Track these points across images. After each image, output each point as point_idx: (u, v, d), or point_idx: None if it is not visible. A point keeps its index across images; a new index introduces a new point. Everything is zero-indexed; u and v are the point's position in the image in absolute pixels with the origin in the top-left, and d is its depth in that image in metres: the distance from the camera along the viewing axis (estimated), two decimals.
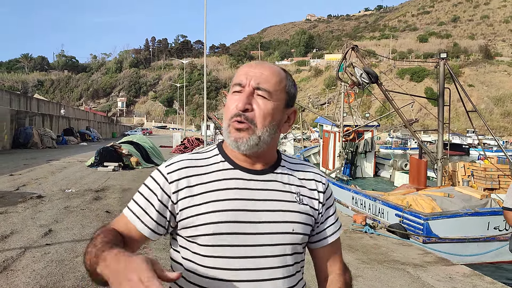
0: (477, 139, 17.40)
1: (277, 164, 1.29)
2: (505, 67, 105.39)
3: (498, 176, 11.60)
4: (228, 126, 1.18)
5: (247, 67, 1.23)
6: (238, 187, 1.20)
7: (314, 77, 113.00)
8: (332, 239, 1.35)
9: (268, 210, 1.20)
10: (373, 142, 17.60)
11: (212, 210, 1.15)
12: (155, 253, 5.61)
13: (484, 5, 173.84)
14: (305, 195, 1.28)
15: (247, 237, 1.16)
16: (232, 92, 1.21)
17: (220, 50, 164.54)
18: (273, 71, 1.21)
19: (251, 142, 1.17)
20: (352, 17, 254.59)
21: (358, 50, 12.23)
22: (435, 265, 6.18)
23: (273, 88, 1.19)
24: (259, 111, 1.17)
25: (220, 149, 1.28)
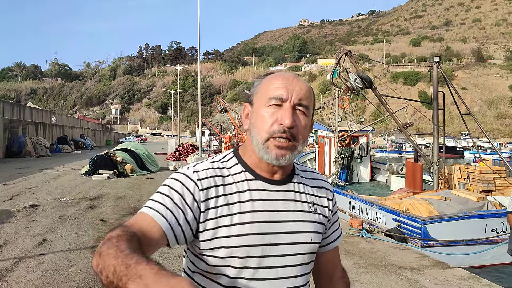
0: (472, 141, 17.45)
1: (293, 173, 1.30)
2: (498, 70, 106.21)
3: (494, 178, 11.63)
4: (267, 140, 1.17)
5: (283, 80, 1.20)
6: (262, 198, 1.20)
7: (308, 81, 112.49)
8: (336, 243, 1.41)
9: (289, 220, 1.21)
10: (369, 146, 17.62)
11: (240, 222, 1.15)
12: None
13: (475, 9, 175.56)
14: (318, 203, 1.31)
15: (272, 248, 1.17)
16: (269, 105, 1.18)
17: (214, 56, 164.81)
18: (308, 87, 1.23)
19: (293, 157, 1.19)
20: (345, 21, 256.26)
21: (351, 56, 12.25)
22: (433, 269, 6.16)
23: (310, 104, 1.21)
24: (301, 128, 1.18)
25: (239, 158, 1.27)
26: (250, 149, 1.24)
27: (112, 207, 9.45)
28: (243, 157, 1.26)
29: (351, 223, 8.34)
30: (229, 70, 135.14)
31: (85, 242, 6.43)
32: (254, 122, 1.21)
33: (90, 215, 8.54)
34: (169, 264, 5.49)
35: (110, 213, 8.80)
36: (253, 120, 1.22)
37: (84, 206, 9.47)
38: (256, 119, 1.20)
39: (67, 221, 7.87)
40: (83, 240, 6.51)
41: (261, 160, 1.21)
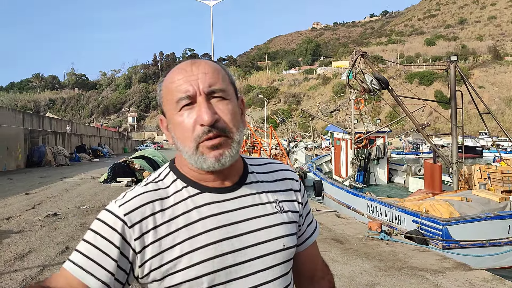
0: (492, 140, 17.17)
1: (245, 173, 1.11)
2: None
3: None
4: (197, 148, 0.98)
5: (181, 72, 1.02)
6: (213, 213, 1.01)
7: (322, 85, 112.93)
8: (313, 238, 1.24)
9: (252, 230, 1.03)
10: (385, 148, 17.47)
11: (192, 249, 0.97)
12: None
13: (490, 6, 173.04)
14: (284, 199, 1.13)
15: (239, 268, 1.00)
16: (180, 109, 0.99)
17: (227, 61, 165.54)
18: (214, 67, 1.03)
19: (233, 152, 1.00)
20: (358, 23, 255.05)
21: (367, 57, 12.20)
22: (454, 271, 6.07)
23: (224, 85, 1.02)
24: (227, 116, 1.00)
25: (176, 172, 1.07)
26: (186, 165, 1.05)
27: None
28: (181, 170, 1.07)
29: (370, 226, 8.27)
30: (243, 75, 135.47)
31: None
32: (175, 134, 1.02)
33: None
34: None
35: None
36: (173, 132, 1.03)
37: None
38: (175, 130, 1.02)
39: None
40: None
41: (202, 172, 1.03)
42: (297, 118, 72.53)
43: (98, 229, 0.99)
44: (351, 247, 7.24)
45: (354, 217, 11.12)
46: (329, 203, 15.21)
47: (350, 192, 13.30)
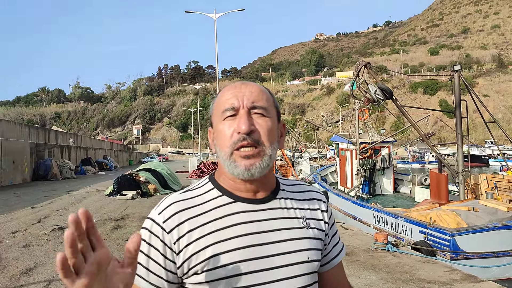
0: (498, 149, 17.05)
1: (277, 189, 1.20)
2: None
3: None
4: (231, 155, 1.08)
5: (231, 89, 1.15)
6: (244, 221, 1.09)
7: (327, 95, 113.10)
8: (339, 259, 1.29)
9: (279, 241, 1.10)
10: (391, 158, 17.40)
11: (223, 251, 1.05)
12: None
13: (494, 15, 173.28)
14: (311, 217, 1.20)
15: (264, 274, 1.06)
16: (224, 118, 1.12)
17: (232, 73, 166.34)
18: (260, 89, 1.17)
19: (264, 164, 1.09)
20: (361, 34, 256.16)
21: (370, 67, 12.22)
22: (463, 282, 5.99)
23: (266, 104, 1.13)
24: (264, 130, 1.09)
25: (214, 182, 1.17)
26: (223, 171, 1.15)
27: (137, 227, 9.51)
28: (218, 180, 1.17)
29: (376, 237, 8.20)
30: None
31: None
32: (217, 141, 1.14)
33: (116, 235, 8.63)
34: None
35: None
36: (215, 140, 1.15)
37: (110, 227, 9.58)
38: (217, 137, 1.13)
39: None
40: None
41: (236, 180, 1.12)
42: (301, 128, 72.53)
43: (144, 236, 1.09)
44: (357, 258, 7.18)
45: (360, 228, 11.05)
46: (335, 214, 15.12)
47: (355, 202, 13.23)
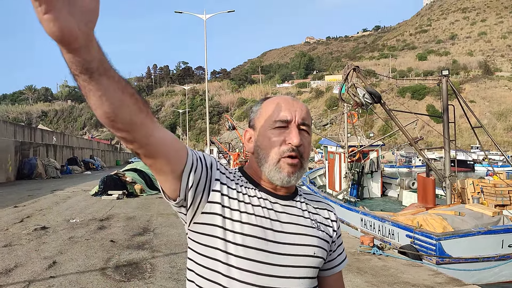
0: (484, 154, 17.24)
1: (295, 193, 1.33)
2: (506, 82, 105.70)
3: (508, 191, 11.43)
4: (278, 161, 1.20)
5: (284, 102, 1.26)
6: (266, 207, 1.21)
7: (315, 98, 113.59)
8: (341, 267, 1.40)
9: (291, 232, 1.21)
10: (379, 161, 17.46)
11: (246, 222, 1.15)
12: (161, 282, 5.46)
13: (481, 22, 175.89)
14: (321, 222, 1.32)
15: (274, 256, 1.16)
16: (275, 127, 1.22)
17: (221, 75, 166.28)
18: (307, 109, 1.29)
19: (300, 175, 1.23)
20: (351, 38, 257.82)
21: (359, 71, 12.24)
22: (447, 286, 6.00)
23: (310, 123, 1.27)
24: (307, 146, 1.24)
25: (244, 173, 1.30)
26: (255, 170, 1.27)
27: (122, 228, 9.39)
28: (249, 173, 1.30)
29: (362, 240, 8.19)
30: (236, 88, 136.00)
31: (95, 264, 6.36)
32: (261, 144, 1.24)
33: (100, 236, 8.49)
34: (179, 285, 5.40)
35: (120, 233, 8.74)
36: (258, 142, 1.25)
37: (94, 227, 9.42)
38: (262, 141, 1.24)
39: (77, 243, 7.82)
40: (93, 262, 6.44)
41: (266, 181, 1.24)
42: None
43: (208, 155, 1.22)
44: None
45: (347, 231, 11.04)
46: None
47: (343, 206, 13.23)
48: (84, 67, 0.80)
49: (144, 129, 0.97)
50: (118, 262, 6.45)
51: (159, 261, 6.53)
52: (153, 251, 7.22)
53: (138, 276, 5.78)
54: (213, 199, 1.16)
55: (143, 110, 0.95)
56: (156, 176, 1.13)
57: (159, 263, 6.44)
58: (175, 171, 1.09)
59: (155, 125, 1.01)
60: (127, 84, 0.92)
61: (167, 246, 7.58)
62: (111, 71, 0.87)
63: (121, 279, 5.64)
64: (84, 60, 0.80)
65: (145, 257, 6.77)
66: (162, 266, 6.27)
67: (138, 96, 0.94)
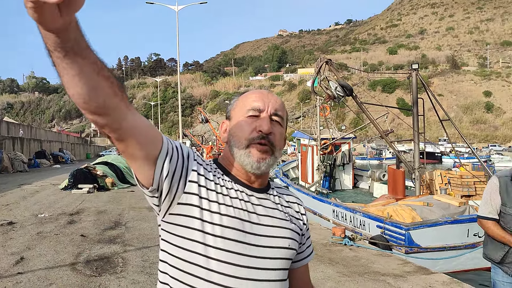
0: (451, 146, 17.73)
1: (268, 187, 1.35)
2: (472, 77, 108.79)
3: (474, 182, 11.81)
4: (248, 146, 1.22)
5: (259, 93, 1.30)
6: (244, 199, 1.23)
7: (288, 91, 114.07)
8: (309, 259, 1.46)
9: (267, 225, 1.24)
10: (351, 154, 17.72)
11: (225, 214, 1.16)
12: (133, 276, 5.41)
13: (449, 18, 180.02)
14: (293, 215, 1.36)
15: (252, 248, 1.18)
16: (247, 116, 1.25)
17: (194, 67, 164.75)
18: (282, 102, 1.32)
19: (271, 162, 1.24)
20: (323, 31, 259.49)
21: (331, 64, 12.34)
22: (415, 275, 6.17)
23: (284, 116, 1.30)
24: (278, 136, 1.25)
25: (219, 165, 1.30)
26: (229, 160, 1.29)
27: (93, 222, 9.23)
28: (224, 165, 1.31)
29: (334, 231, 8.31)
30: (209, 80, 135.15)
31: (65, 259, 6.24)
32: (234, 132, 1.26)
33: (70, 230, 8.32)
34: (151, 279, 5.36)
35: (91, 228, 8.59)
36: (232, 131, 1.28)
37: (64, 222, 9.23)
38: (235, 129, 1.26)
39: (45, 238, 7.64)
40: (62, 257, 6.32)
41: (240, 169, 1.26)
42: None
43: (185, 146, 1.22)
44: (315, 252, 7.23)
45: (319, 222, 11.18)
46: None
47: (316, 198, 13.38)
48: (60, 45, 0.79)
49: (117, 113, 0.96)
50: (88, 257, 6.35)
51: (131, 255, 6.46)
52: (125, 245, 7.14)
53: (110, 270, 5.70)
54: (190, 190, 1.15)
55: (118, 94, 0.94)
56: (129, 163, 1.11)
57: (131, 257, 6.37)
58: (149, 157, 1.07)
59: (130, 110, 1.00)
60: (104, 66, 0.91)
61: (139, 239, 7.50)
62: (87, 51, 0.85)
63: (92, 274, 5.55)
64: (61, 39, 0.79)
65: (117, 251, 6.69)
66: (134, 260, 6.21)
67: (114, 79, 0.93)
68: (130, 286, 5.11)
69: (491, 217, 3.25)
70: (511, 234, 3.14)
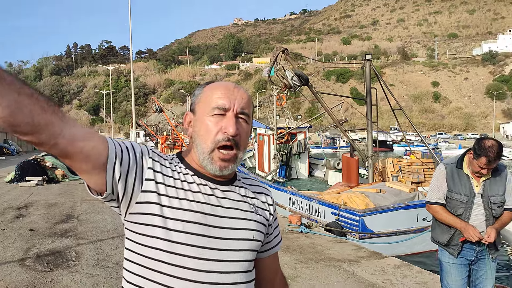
0: (402, 135, 18.37)
1: (234, 178, 1.34)
2: (421, 67, 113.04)
3: (423, 170, 12.31)
4: (212, 151, 1.20)
5: (225, 89, 1.24)
6: (206, 193, 1.22)
7: (244, 80, 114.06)
8: (277, 249, 1.46)
9: (232, 217, 1.24)
10: (306, 143, 17.96)
11: (187, 208, 1.15)
12: (87, 270, 5.25)
13: (399, 10, 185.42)
14: (259, 206, 1.35)
15: (216, 241, 1.18)
16: (212, 114, 1.21)
17: (147, 55, 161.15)
18: (248, 96, 1.28)
19: (235, 167, 1.24)
20: (278, 21, 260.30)
21: (288, 54, 12.40)
22: (368, 259, 6.38)
23: (250, 112, 1.27)
24: (244, 135, 1.23)
25: (182, 160, 1.28)
26: (192, 156, 1.26)
27: (43, 216, 8.87)
28: (187, 160, 1.28)
29: (290, 219, 8.43)
30: (163, 69, 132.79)
31: (13, 254, 5.96)
32: (199, 131, 1.23)
33: (18, 225, 7.96)
34: (106, 272, 5.23)
35: (41, 222, 8.25)
36: (197, 128, 1.24)
37: (11, 216, 8.81)
38: (200, 128, 1.23)
39: None
40: (11, 253, 6.03)
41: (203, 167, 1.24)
42: None
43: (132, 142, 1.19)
44: None
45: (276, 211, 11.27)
46: None
47: (272, 186, 13.48)
48: None
49: (50, 129, 0.93)
50: (39, 252, 6.10)
51: (85, 249, 6.28)
52: (78, 238, 6.92)
53: (62, 265, 5.51)
54: (147, 188, 1.14)
55: (47, 109, 0.92)
56: (79, 175, 1.09)
57: (85, 250, 6.19)
58: (96, 166, 1.06)
59: (67, 123, 0.97)
60: (23, 85, 0.89)
61: (93, 232, 7.29)
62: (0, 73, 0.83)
63: (43, 269, 5.34)
64: None
65: (69, 245, 6.47)
66: (87, 253, 6.03)
67: (38, 95, 0.91)
68: (85, 280, 4.96)
69: (438, 202, 3.43)
70: (456, 217, 3.33)
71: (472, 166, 3.26)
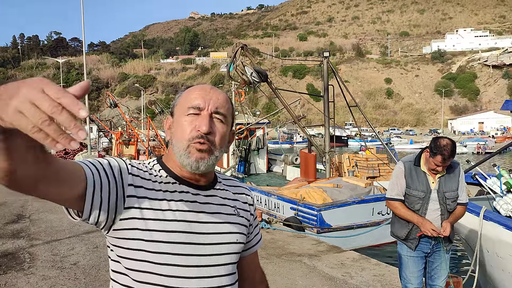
0: (358, 131, 18.86)
1: (215, 181, 1.36)
2: (375, 64, 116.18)
3: (378, 165, 12.70)
4: (188, 147, 1.20)
5: (200, 90, 1.27)
6: (189, 200, 1.24)
7: (201, 75, 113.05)
8: (257, 247, 1.51)
9: (215, 222, 1.27)
10: (265, 138, 18.09)
11: (169, 219, 1.18)
12: (43, 272, 5.07)
13: (354, 7, 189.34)
14: (240, 208, 1.38)
15: (201, 247, 1.22)
16: (188, 114, 1.23)
17: (100, 48, 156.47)
18: (225, 97, 1.30)
19: (210, 162, 1.22)
20: (235, 15, 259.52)
21: (247, 50, 12.41)
22: (328, 254, 6.53)
23: (227, 112, 1.27)
24: (219, 135, 1.23)
25: (163, 165, 1.29)
26: (172, 159, 1.27)
27: None
28: (168, 165, 1.29)
29: None
30: (117, 62, 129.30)
31: None
32: (175, 132, 1.25)
33: None
34: (64, 273, 5.07)
35: None
36: (173, 129, 1.27)
37: None
38: (176, 128, 1.25)
39: None
40: None
41: (183, 169, 1.25)
42: None
43: (109, 158, 1.19)
44: None
45: None
46: None
47: None
48: None
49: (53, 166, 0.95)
50: None
51: (39, 250, 6.05)
52: (31, 239, 6.66)
53: (16, 267, 5.29)
54: (129, 205, 1.16)
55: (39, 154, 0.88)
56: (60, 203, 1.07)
57: (39, 251, 5.97)
58: (75, 196, 1.06)
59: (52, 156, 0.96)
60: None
61: (47, 232, 7.03)
62: None
63: None
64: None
65: (22, 246, 6.22)
66: (42, 254, 5.82)
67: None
68: (41, 282, 4.80)
69: (397, 198, 3.59)
70: (414, 212, 3.50)
71: (429, 164, 3.43)
